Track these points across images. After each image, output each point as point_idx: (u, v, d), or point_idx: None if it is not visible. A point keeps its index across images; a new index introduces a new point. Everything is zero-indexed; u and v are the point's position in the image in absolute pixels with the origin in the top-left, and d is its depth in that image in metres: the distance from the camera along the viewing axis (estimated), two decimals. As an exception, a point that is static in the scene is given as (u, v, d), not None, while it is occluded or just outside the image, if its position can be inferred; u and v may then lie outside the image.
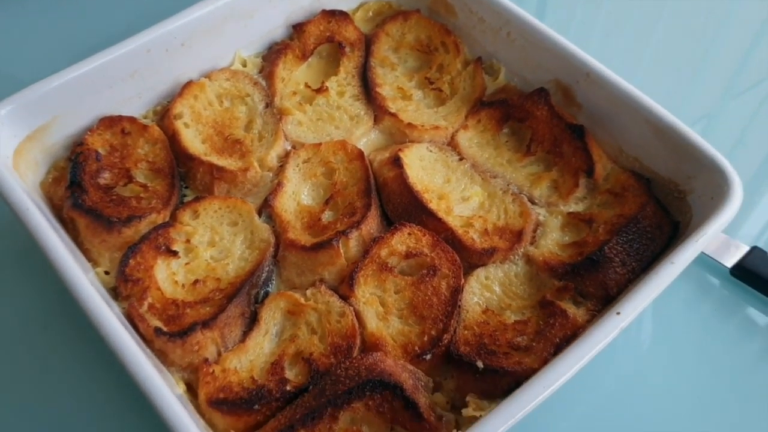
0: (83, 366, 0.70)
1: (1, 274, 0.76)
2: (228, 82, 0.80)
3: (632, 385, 0.72)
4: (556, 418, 0.69)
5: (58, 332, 0.72)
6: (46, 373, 0.70)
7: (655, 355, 0.74)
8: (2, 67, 0.92)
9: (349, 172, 0.73)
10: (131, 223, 0.67)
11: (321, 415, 0.56)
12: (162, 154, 0.74)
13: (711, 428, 0.69)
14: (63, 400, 0.68)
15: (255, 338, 0.63)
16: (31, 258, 0.76)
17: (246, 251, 0.69)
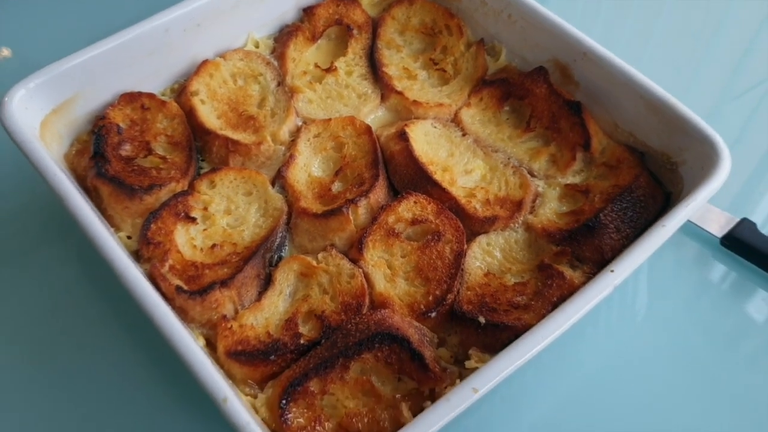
0: (105, 325, 0.74)
1: (27, 248, 0.80)
2: (242, 61, 0.83)
3: (628, 354, 0.75)
4: (555, 383, 0.73)
5: (82, 296, 0.76)
6: (66, 335, 0.74)
7: (650, 325, 0.78)
8: (25, 49, 0.96)
9: (357, 145, 0.77)
10: (152, 191, 0.71)
11: (333, 365, 0.60)
12: (180, 129, 0.78)
13: (704, 394, 0.72)
14: (83, 361, 0.72)
15: (270, 297, 0.67)
16: (56, 228, 0.81)
17: (260, 219, 0.73)
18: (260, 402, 0.60)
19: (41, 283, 0.77)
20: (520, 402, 0.71)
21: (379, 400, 0.60)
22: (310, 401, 0.59)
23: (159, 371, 0.71)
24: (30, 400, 0.69)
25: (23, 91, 0.71)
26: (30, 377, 0.71)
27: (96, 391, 0.70)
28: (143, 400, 0.69)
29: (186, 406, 0.69)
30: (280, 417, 0.57)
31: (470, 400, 0.54)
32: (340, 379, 0.60)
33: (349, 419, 0.59)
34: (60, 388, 0.70)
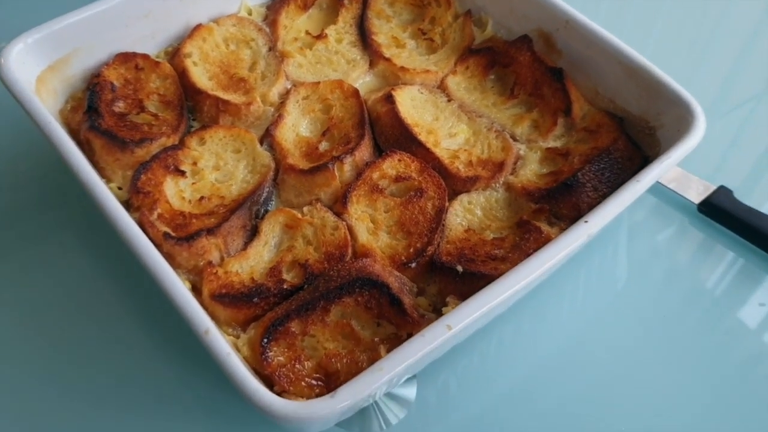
0: (94, 261, 0.77)
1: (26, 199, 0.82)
2: (234, 27, 0.86)
3: (608, 321, 0.77)
4: (538, 346, 0.75)
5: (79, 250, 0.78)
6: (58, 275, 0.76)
7: (630, 292, 0.79)
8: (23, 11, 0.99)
9: (345, 108, 0.79)
10: (143, 144, 0.73)
11: (314, 308, 0.62)
12: (172, 89, 0.80)
13: (683, 355, 0.74)
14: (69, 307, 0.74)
15: (255, 247, 0.69)
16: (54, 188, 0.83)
17: (248, 175, 0.75)
18: (242, 342, 0.62)
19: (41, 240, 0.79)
20: (497, 361, 0.73)
21: (359, 342, 0.62)
22: (290, 341, 0.61)
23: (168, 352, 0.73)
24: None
25: (21, 45, 0.73)
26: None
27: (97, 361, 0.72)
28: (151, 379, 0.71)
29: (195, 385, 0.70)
30: (261, 355, 0.59)
31: (444, 336, 0.56)
32: (321, 321, 0.62)
33: (329, 359, 0.60)
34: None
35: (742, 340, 0.75)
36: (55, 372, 0.70)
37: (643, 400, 0.71)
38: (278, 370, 0.59)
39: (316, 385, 0.59)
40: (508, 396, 0.71)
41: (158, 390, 0.69)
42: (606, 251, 0.82)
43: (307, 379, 0.59)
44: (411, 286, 0.67)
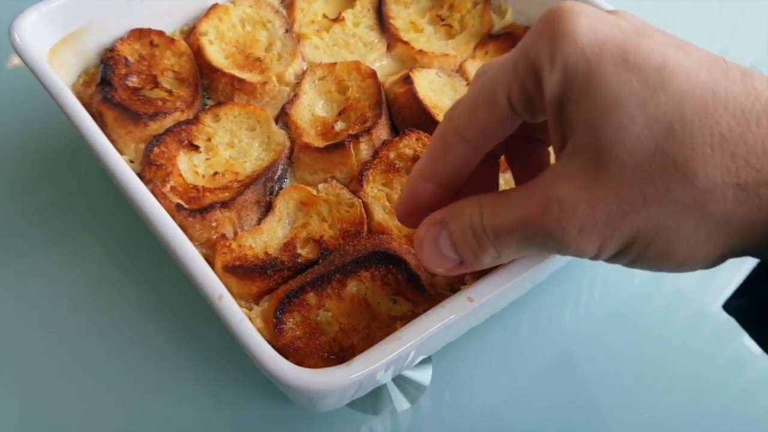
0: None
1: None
2: (251, 8, 0.85)
3: (627, 315, 0.75)
4: (556, 336, 0.73)
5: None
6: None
7: (649, 287, 0.78)
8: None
9: (361, 89, 0.78)
10: (156, 118, 0.72)
11: (330, 281, 0.60)
12: (187, 66, 0.79)
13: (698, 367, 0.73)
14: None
15: (269, 223, 0.67)
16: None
17: (263, 153, 0.73)
18: (255, 314, 0.60)
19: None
20: (514, 350, 0.71)
21: (374, 318, 0.60)
22: (305, 314, 0.59)
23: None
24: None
25: (35, 14, 0.72)
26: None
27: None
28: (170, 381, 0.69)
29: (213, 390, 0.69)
30: (275, 327, 0.57)
31: (465, 309, 0.54)
32: (337, 295, 0.60)
33: (344, 334, 0.59)
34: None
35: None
36: (71, 369, 0.69)
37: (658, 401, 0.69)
38: (292, 343, 0.57)
39: (330, 359, 0.57)
40: (525, 385, 0.69)
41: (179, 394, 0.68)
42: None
43: (321, 353, 0.57)
44: None
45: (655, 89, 0.40)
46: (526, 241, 0.45)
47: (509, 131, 0.48)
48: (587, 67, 0.41)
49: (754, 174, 0.40)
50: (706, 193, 0.40)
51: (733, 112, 0.40)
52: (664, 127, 0.40)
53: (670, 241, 0.42)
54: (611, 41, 0.41)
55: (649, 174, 0.40)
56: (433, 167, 0.51)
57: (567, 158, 0.43)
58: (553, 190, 0.42)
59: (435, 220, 0.50)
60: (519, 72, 0.44)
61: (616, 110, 0.40)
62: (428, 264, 0.51)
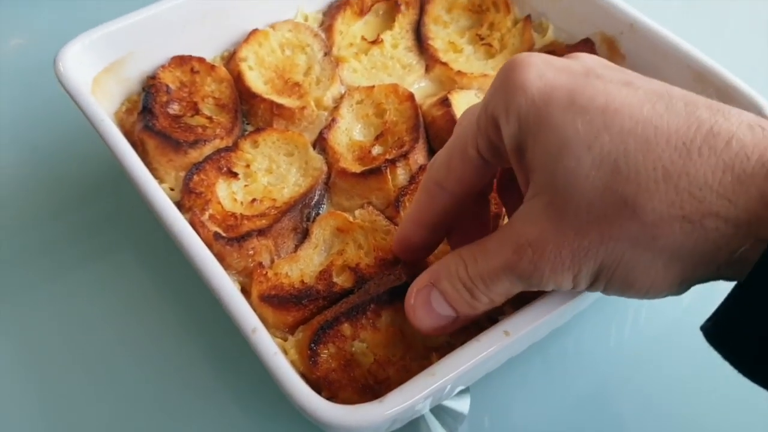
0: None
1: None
2: (290, 32, 0.85)
3: (673, 339, 0.73)
4: (600, 363, 0.71)
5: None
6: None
7: (697, 308, 0.75)
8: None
9: (399, 112, 0.77)
10: (197, 146, 0.73)
11: (365, 311, 0.60)
12: (227, 92, 0.80)
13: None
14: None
15: (306, 250, 0.67)
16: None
17: (300, 178, 0.73)
18: (290, 344, 0.60)
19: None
20: (556, 378, 0.70)
21: (410, 349, 0.59)
22: (340, 345, 0.58)
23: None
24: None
25: (79, 45, 0.73)
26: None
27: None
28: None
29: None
30: (310, 359, 0.57)
31: (501, 343, 0.53)
32: (372, 326, 0.60)
33: (379, 366, 0.58)
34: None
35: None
36: (105, 390, 0.69)
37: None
38: (327, 375, 0.57)
39: (365, 392, 0.57)
40: (566, 414, 0.68)
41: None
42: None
43: (356, 385, 0.57)
44: None
45: (599, 129, 0.42)
46: (512, 283, 0.48)
47: (486, 178, 0.53)
48: (537, 115, 0.44)
49: (697, 205, 0.40)
50: (655, 227, 0.41)
51: (675, 144, 0.40)
52: (609, 166, 0.41)
53: (631, 272, 0.44)
54: (559, 87, 0.44)
55: (602, 212, 0.42)
56: (420, 215, 0.56)
57: (530, 201, 0.46)
58: (523, 236, 0.46)
59: (421, 284, 0.53)
60: (481, 125, 0.48)
61: (565, 153, 0.42)
62: (425, 326, 0.54)
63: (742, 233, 0.41)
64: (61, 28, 1.00)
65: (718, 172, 0.40)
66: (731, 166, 0.40)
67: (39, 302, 0.75)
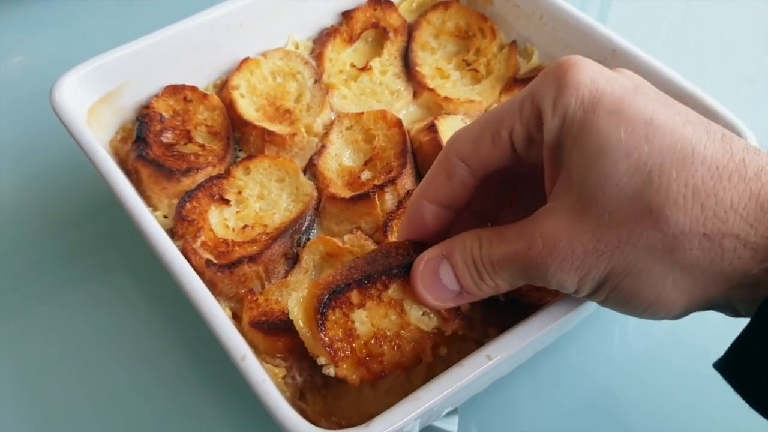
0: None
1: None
2: (281, 60, 0.87)
3: (662, 356, 0.74)
4: (587, 381, 0.72)
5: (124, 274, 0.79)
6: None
7: (688, 324, 0.76)
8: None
9: (387, 138, 0.79)
10: (189, 174, 0.75)
11: (375, 281, 0.58)
12: (219, 120, 0.81)
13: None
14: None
15: (296, 275, 0.69)
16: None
17: (291, 204, 0.75)
18: (293, 301, 0.56)
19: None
20: (543, 397, 0.71)
21: (404, 327, 0.58)
22: (346, 312, 0.56)
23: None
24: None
25: (74, 77, 0.75)
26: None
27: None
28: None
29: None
30: (318, 322, 0.55)
31: (483, 367, 0.54)
32: (378, 297, 0.58)
33: (375, 339, 0.57)
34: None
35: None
36: (105, 403, 0.71)
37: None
38: (333, 342, 0.55)
39: (360, 366, 0.55)
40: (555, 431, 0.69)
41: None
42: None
43: (354, 357, 0.55)
44: None
45: (640, 140, 0.43)
46: (518, 273, 0.50)
47: (505, 164, 0.53)
48: (584, 117, 0.45)
49: (720, 225, 0.42)
50: (675, 239, 0.43)
51: (709, 166, 0.43)
52: (643, 176, 0.43)
53: (639, 282, 0.45)
54: (609, 94, 0.45)
55: (625, 218, 0.43)
56: (433, 189, 0.55)
57: (555, 198, 0.47)
58: (539, 227, 0.47)
59: (433, 253, 0.54)
60: (524, 112, 0.49)
61: (603, 156, 0.44)
62: (428, 295, 0.54)
63: (758, 258, 0.43)
64: (61, 53, 1.03)
65: (744, 198, 0.42)
66: (757, 195, 0.43)
67: (35, 321, 0.76)
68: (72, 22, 1.09)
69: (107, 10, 1.11)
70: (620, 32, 0.81)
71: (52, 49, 1.06)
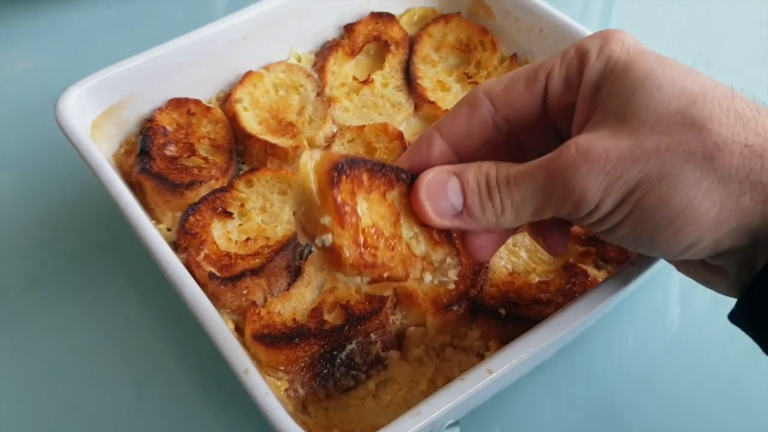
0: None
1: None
2: (284, 73, 0.88)
3: (662, 369, 0.74)
4: (588, 394, 0.73)
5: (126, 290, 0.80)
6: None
7: (684, 337, 0.77)
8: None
9: (388, 150, 0.80)
10: (193, 187, 0.75)
11: (386, 173, 0.53)
12: (222, 133, 0.82)
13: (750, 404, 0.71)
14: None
15: (298, 288, 0.69)
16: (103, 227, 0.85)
17: (293, 216, 0.76)
18: (306, 157, 0.50)
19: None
20: (544, 409, 0.71)
21: (398, 239, 0.53)
22: (355, 189, 0.51)
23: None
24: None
25: (78, 91, 0.76)
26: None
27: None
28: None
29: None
30: (332, 178, 0.49)
31: (484, 381, 0.55)
32: (383, 194, 0.53)
33: (375, 231, 0.52)
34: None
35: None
36: (105, 413, 0.71)
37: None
38: (345, 203, 0.50)
39: (353, 269, 0.50)
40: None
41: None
42: (657, 293, 0.80)
43: (356, 236, 0.50)
44: None
45: (684, 75, 0.47)
46: (536, 189, 0.48)
47: (531, 115, 0.53)
48: (628, 60, 0.48)
49: (761, 141, 0.45)
50: (716, 147, 0.44)
51: (748, 102, 0.47)
52: (688, 99, 0.45)
53: (671, 189, 0.45)
54: (651, 53, 0.49)
55: (667, 127, 0.45)
56: (450, 123, 0.55)
57: (590, 126, 0.48)
58: (572, 140, 0.47)
59: (446, 168, 0.52)
60: (567, 57, 0.52)
61: (647, 83, 0.46)
62: (428, 205, 0.51)
63: None
64: (66, 64, 1.04)
65: None
66: None
67: (37, 329, 0.77)
68: (76, 33, 1.10)
69: (112, 22, 1.12)
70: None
71: (56, 60, 1.07)
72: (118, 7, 1.13)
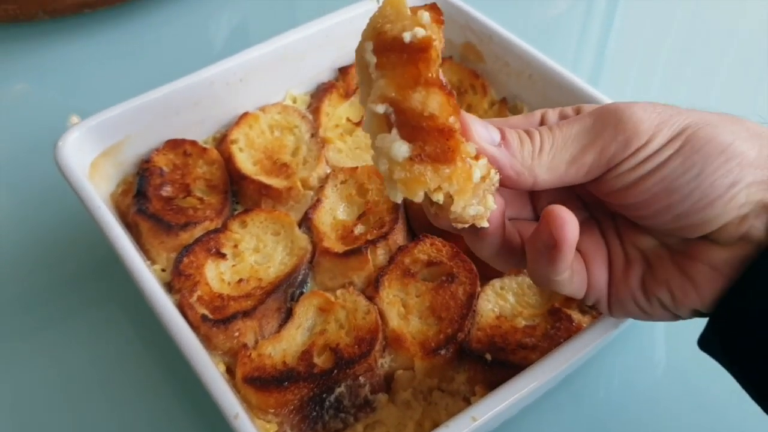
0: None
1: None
2: (279, 115, 0.90)
3: (647, 410, 0.75)
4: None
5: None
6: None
7: (671, 379, 0.78)
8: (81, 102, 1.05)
9: (380, 192, 0.81)
10: (187, 228, 0.77)
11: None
12: (218, 173, 0.84)
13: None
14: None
15: (289, 330, 0.71)
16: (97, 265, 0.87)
17: (286, 257, 0.77)
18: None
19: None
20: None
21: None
22: None
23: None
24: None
25: (77, 132, 0.78)
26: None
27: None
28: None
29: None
30: None
31: (469, 428, 0.56)
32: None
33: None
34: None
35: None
36: None
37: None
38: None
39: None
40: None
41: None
42: (642, 335, 0.81)
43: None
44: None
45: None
46: (581, 129, 0.51)
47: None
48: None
49: None
50: (740, 119, 0.51)
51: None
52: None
53: (716, 129, 0.49)
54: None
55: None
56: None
57: None
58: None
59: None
60: None
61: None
62: (467, 128, 0.50)
63: None
64: (64, 101, 1.06)
65: None
66: None
67: (27, 352, 0.78)
68: (76, 69, 1.12)
69: (111, 60, 1.14)
70: (612, 90, 0.84)
71: (56, 94, 1.09)
72: (117, 43, 1.15)
